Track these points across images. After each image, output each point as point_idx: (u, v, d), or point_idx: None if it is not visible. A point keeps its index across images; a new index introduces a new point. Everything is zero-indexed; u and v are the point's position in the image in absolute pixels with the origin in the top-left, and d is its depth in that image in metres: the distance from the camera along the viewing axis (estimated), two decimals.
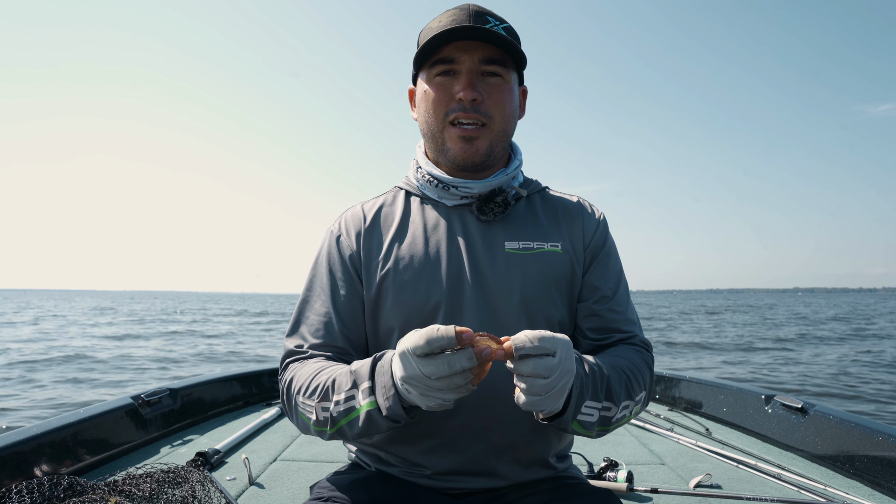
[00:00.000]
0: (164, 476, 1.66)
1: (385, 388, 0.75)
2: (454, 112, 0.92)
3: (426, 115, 0.95)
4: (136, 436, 2.20)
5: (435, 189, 0.99)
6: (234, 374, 3.06)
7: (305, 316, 0.98)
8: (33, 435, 1.69)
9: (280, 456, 2.18)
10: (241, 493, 1.77)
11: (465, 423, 0.91)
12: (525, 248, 0.95)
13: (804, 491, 1.75)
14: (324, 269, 1.00)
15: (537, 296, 0.94)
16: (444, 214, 0.99)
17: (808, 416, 2.19)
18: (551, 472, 0.98)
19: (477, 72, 0.91)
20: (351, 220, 1.02)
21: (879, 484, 1.80)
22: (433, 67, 0.93)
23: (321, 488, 0.94)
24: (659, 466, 2.09)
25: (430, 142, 0.98)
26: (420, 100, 0.97)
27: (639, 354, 0.95)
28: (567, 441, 1.04)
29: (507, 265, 0.94)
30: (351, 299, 0.96)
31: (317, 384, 0.84)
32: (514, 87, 0.96)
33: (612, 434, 2.54)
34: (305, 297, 1.00)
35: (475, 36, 0.88)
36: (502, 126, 0.94)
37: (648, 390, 0.93)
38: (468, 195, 0.98)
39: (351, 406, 0.79)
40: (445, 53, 0.91)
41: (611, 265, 1.01)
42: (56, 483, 1.47)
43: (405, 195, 1.04)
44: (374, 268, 0.96)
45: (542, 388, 0.70)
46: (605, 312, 0.98)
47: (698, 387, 2.95)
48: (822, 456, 2.07)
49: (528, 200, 1.03)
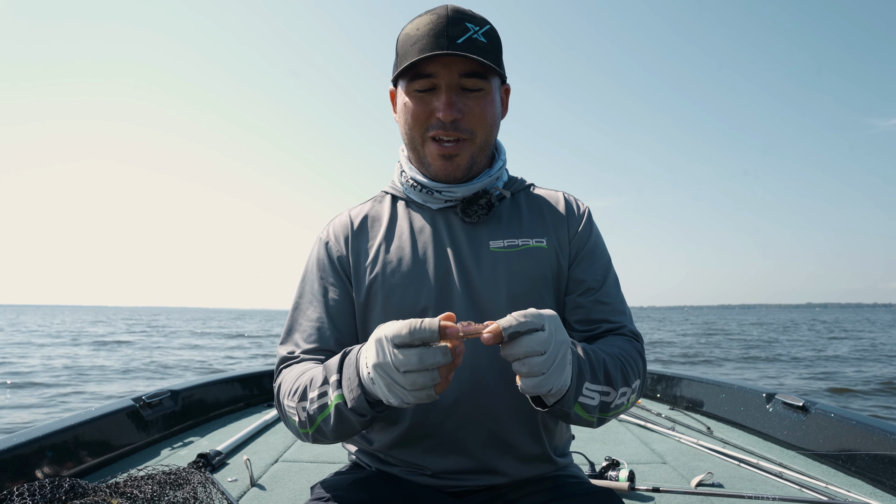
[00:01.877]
0: (165, 478, 1.66)
1: (350, 379, 0.74)
2: (434, 129, 0.92)
3: (406, 128, 0.95)
4: (138, 437, 2.21)
5: (419, 193, 1.00)
6: (234, 376, 3.07)
7: (298, 322, 0.98)
8: (35, 437, 1.70)
9: (281, 457, 2.18)
10: (242, 494, 1.77)
11: (462, 422, 0.91)
12: (510, 245, 0.96)
13: (806, 489, 1.75)
14: (314, 275, 1.00)
15: (524, 292, 0.94)
16: (429, 218, 1.00)
17: (809, 415, 2.19)
18: (552, 469, 0.98)
19: (456, 87, 0.90)
20: (339, 226, 1.03)
21: (881, 482, 1.80)
22: (412, 81, 0.91)
23: (322, 488, 0.94)
24: (660, 465, 2.09)
25: (411, 151, 0.98)
26: (400, 110, 0.96)
27: (630, 343, 0.94)
28: (566, 438, 1.04)
29: (492, 264, 0.94)
30: (342, 304, 0.97)
31: (298, 385, 0.85)
32: (496, 95, 0.95)
33: (613, 433, 2.55)
34: (297, 304, 1.00)
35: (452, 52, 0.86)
36: (484, 138, 0.94)
37: (642, 379, 0.92)
38: (452, 199, 0.98)
39: (324, 403, 0.79)
40: (423, 68, 0.89)
41: (597, 257, 1.01)
42: (57, 485, 1.47)
43: (391, 199, 1.05)
44: (362, 273, 0.97)
45: (542, 365, 0.69)
46: (592, 304, 0.97)
47: (699, 386, 2.95)
48: (824, 454, 2.07)
49: (512, 199, 1.03)
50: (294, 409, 0.84)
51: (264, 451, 2.23)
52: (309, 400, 0.81)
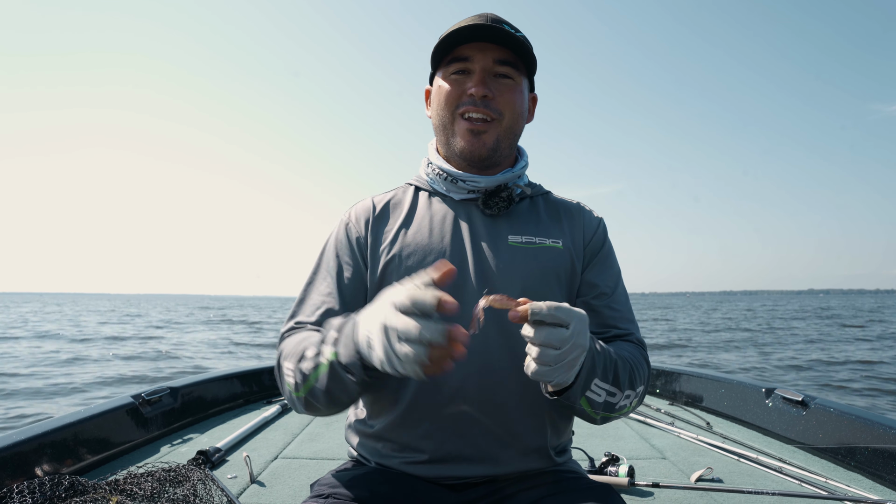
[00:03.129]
0: (165, 475, 1.66)
1: (347, 336, 0.76)
2: (465, 105, 0.97)
3: (438, 109, 1.01)
4: (137, 435, 2.20)
5: (443, 182, 1.04)
6: (234, 372, 3.06)
7: (309, 295, 1.02)
8: (34, 434, 1.69)
9: (281, 454, 2.18)
10: (242, 491, 1.77)
11: (464, 407, 0.91)
12: (528, 242, 0.99)
13: (805, 484, 1.76)
14: (331, 253, 1.04)
15: (538, 288, 0.97)
16: (451, 207, 1.03)
17: (808, 410, 2.19)
18: (550, 464, 0.98)
19: (490, 71, 0.96)
20: (361, 210, 1.07)
21: (881, 476, 1.80)
22: (449, 66, 0.98)
23: (321, 485, 0.94)
24: (660, 461, 2.09)
25: (440, 135, 1.02)
26: (434, 95, 1.02)
27: (638, 350, 0.98)
28: (567, 433, 1.04)
29: (509, 257, 0.97)
30: (354, 282, 1.00)
31: (298, 348, 0.87)
32: (525, 90, 1.01)
33: (613, 429, 2.55)
34: (310, 280, 1.04)
35: (490, 36, 0.93)
36: (510, 123, 0.99)
37: (646, 385, 0.96)
38: (475, 189, 1.02)
39: (318, 362, 0.80)
40: (461, 52, 0.97)
41: (609, 266, 1.06)
42: (57, 483, 1.47)
43: (415, 190, 1.09)
44: (379, 253, 1.00)
45: (553, 359, 0.72)
46: (603, 309, 1.01)
47: (699, 381, 2.96)
48: (823, 449, 2.07)
49: (531, 201, 1.08)
50: (291, 371, 0.86)
51: (264, 448, 2.23)
52: (305, 359, 0.83)
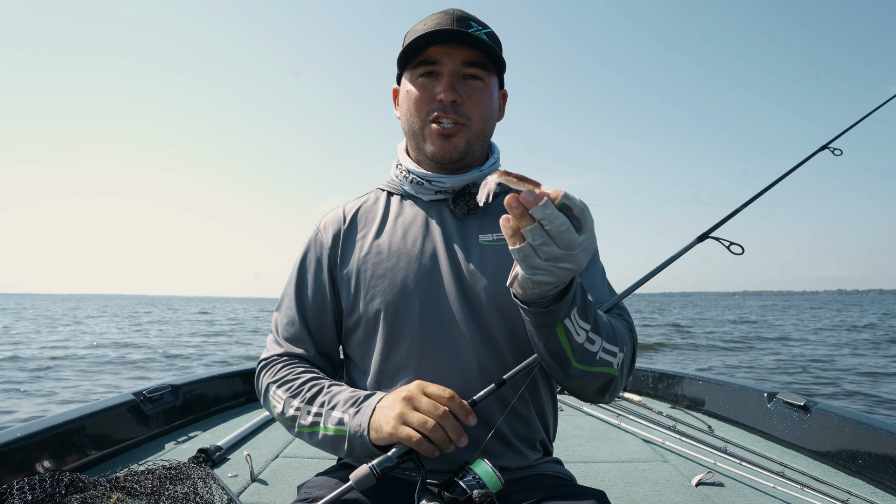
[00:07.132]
0: (165, 473, 1.66)
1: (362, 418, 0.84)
2: (435, 111, 0.96)
3: (408, 114, 1.00)
4: (138, 432, 2.21)
5: (411, 185, 1.04)
6: (235, 371, 3.07)
7: (280, 316, 1.06)
8: (35, 431, 1.70)
9: (282, 453, 2.18)
10: (243, 489, 1.77)
11: None
12: (499, 239, 0.98)
13: (806, 488, 1.75)
14: (302, 267, 1.07)
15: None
16: (422, 209, 1.03)
17: (810, 414, 2.19)
18: (542, 469, 0.97)
19: (458, 74, 0.95)
20: (331, 221, 1.08)
21: (882, 482, 1.80)
22: (416, 68, 0.97)
23: (308, 487, 0.94)
24: (661, 464, 2.09)
25: (410, 139, 1.02)
26: (403, 99, 1.02)
27: (620, 321, 0.93)
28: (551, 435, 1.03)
29: (480, 256, 0.97)
30: (318, 301, 1.03)
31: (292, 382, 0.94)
32: (494, 90, 1.01)
33: (614, 431, 2.54)
34: (281, 300, 1.08)
35: (458, 39, 0.92)
36: (480, 126, 0.99)
37: (631, 355, 0.91)
38: (442, 189, 1.02)
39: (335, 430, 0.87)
40: (429, 54, 0.95)
41: (591, 263, 1.01)
42: (58, 480, 1.47)
43: (386, 195, 1.09)
44: (351, 260, 1.01)
45: (555, 257, 0.64)
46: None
47: (700, 384, 2.95)
48: (825, 454, 2.06)
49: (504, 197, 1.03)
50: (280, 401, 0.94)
51: (265, 447, 2.24)
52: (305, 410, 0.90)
